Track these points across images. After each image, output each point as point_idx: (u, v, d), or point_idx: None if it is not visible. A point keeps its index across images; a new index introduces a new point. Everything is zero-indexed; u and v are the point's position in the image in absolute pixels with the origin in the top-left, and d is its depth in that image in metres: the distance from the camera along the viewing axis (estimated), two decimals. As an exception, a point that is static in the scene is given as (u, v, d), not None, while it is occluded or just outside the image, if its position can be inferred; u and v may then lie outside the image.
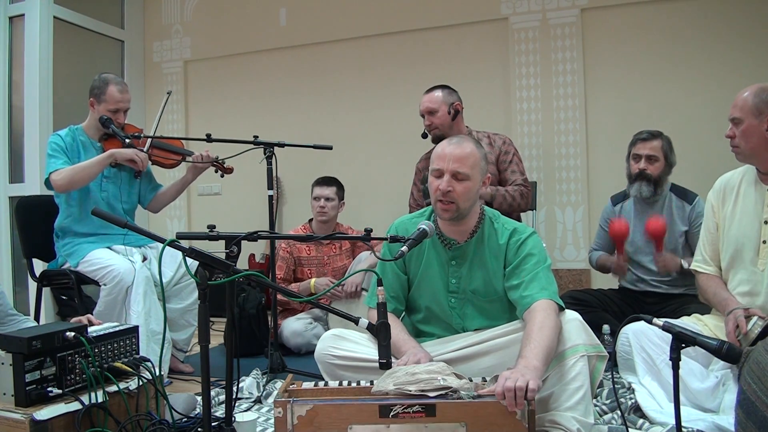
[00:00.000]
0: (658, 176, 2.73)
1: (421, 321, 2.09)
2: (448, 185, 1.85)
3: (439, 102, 2.93)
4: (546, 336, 1.67)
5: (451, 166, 1.86)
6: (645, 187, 2.73)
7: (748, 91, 1.98)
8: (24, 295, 4.15)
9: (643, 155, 2.74)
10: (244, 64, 4.68)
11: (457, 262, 1.98)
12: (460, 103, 2.98)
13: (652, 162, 2.73)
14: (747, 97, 1.97)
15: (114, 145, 2.81)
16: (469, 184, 1.87)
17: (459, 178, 1.86)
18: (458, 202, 1.87)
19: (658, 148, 2.73)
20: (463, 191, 1.87)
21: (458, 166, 1.86)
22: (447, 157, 1.87)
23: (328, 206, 3.36)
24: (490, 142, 2.98)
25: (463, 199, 1.87)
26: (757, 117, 1.95)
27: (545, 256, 1.93)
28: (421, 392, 1.58)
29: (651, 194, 2.73)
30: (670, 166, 2.76)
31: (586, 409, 1.71)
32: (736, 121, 1.99)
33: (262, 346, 3.20)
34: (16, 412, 1.59)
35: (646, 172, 2.73)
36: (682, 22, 3.62)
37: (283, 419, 1.58)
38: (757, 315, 1.89)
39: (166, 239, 1.49)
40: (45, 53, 4.05)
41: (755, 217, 2.03)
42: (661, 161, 2.73)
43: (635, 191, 2.76)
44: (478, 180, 1.90)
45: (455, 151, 1.87)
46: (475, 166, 1.89)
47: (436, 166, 1.90)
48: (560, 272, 3.85)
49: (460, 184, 1.86)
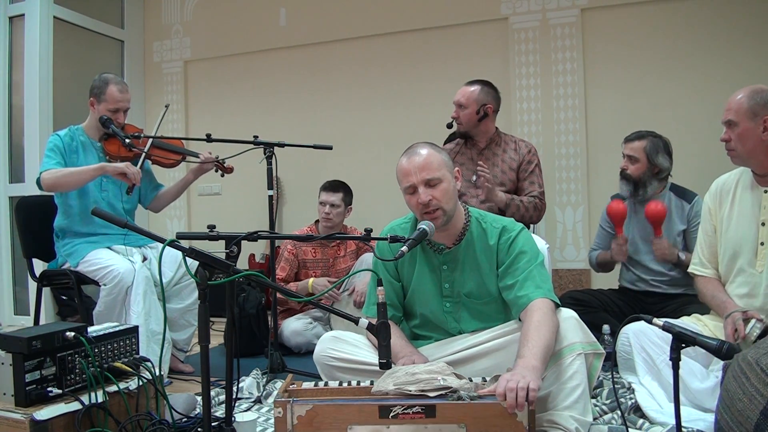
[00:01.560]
0: (639, 177, 2.73)
1: (417, 326, 2.09)
2: (427, 195, 1.85)
3: (471, 99, 2.88)
4: (544, 335, 1.66)
5: (420, 176, 1.85)
6: (624, 185, 2.77)
7: (742, 93, 1.96)
8: (24, 295, 4.15)
9: (625, 155, 2.78)
10: (244, 64, 4.68)
11: (449, 267, 1.97)
12: (493, 106, 2.92)
13: (633, 162, 2.75)
14: (741, 100, 1.95)
15: (114, 145, 2.81)
16: (444, 186, 1.87)
17: (432, 184, 1.86)
18: (442, 206, 1.86)
19: (640, 149, 2.73)
20: (442, 194, 1.86)
21: (426, 174, 1.85)
22: (412, 170, 1.86)
23: (333, 213, 3.34)
24: (516, 147, 2.95)
25: (445, 201, 1.87)
26: (752, 120, 1.93)
27: (537, 253, 1.92)
28: (421, 392, 1.58)
29: (629, 194, 2.76)
30: (654, 167, 2.73)
31: (584, 408, 1.71)
32: (732, 125, 1.98)
33: (262, 346, 3.21)
34: (16, 412, 1.59)
35: (626, 171, 2.76)
36: (681, 22, 3.62)
37: (283, 419, 1.58)
38: (755, 317, 1.89)
39: (166, 239, 1.49)
40: (45, 53, 4.05)
41: (752, 220, 2.02)
42: (642, 162, 2.72)
43: (619, 188, 2.82)
44: (450, 178, 1.90)
45: (417, 161, 1.86)
46: (442, 167, 1.88)
47: (406, 184, 1.89)
48: (560, 272, 3.85)
49: (436, 189, 1.86)
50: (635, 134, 2.80)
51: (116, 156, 2.83)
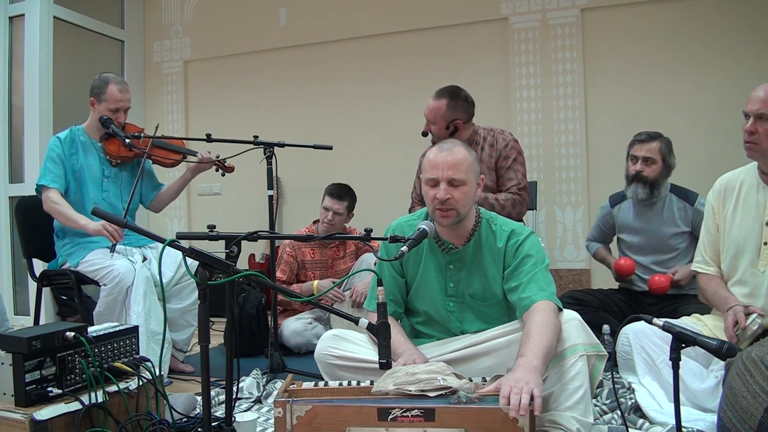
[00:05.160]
0: (655, 178, 2.72)
1: (419, 323, 2.09)
2: (446, 193, 1.83)
3: (438, 116, 2.79)
4: (545, 335, 1.66)
5: (446, 173, 1.84)
6: (641, 189, 2.72)
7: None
8: (24, 295, 4.15)
9: (640, 157, 2.73)
10: (244, 64, 4.68)
11: (455, 266, 1.97)
12: (462, 118, 2.79)
13: (649, 164, 2.72)
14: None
15: (114, 144, 2.81)
16: (465, 189, 1.85)
17: (455, 184, 1.84)
18: (458, 208, 1.85)
19: (656, 150, 2.72)
20: (461, 197, 1.85)
21: (453, 173, 1.83)
22: (440, 164, 1.84)
23: (336, 219, 3.33)
24: (494, 142, 2.80)
25: (462, 204, 1.86)
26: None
27: (543, 257, 1.92)
28: (421, 392, 1.58)
29: (647, 196, 2.73)
30: (668, 168, 2.74)
31: (585, 409, 1.70)
32: (763, 118, 1.88)
33: (262, 346, 3.20)
34: (16, 412, 1.59)
35: (643, 174, 2.72)
36: (682, 22, 3.62)
37: (282, 419, 1.58)
38: (756, 312, 1.88)
39: (166, 239, 1.49)
40: (45, 53, 4.05)
41: (756, 219, 2.01)
42: (658, 163, 2.72)
43: (631, 193, 2.76)
44: (473, 184, 1.89)
45: (448, 158, 1.85)
46: (470, 171, 1.87)
47: (430, 175, 1.87)
48: (560, 272, 3.85)
49: (457, 190, 1.84)
50: (647, 135, 2.75)
51: (116, 155, 2.83)
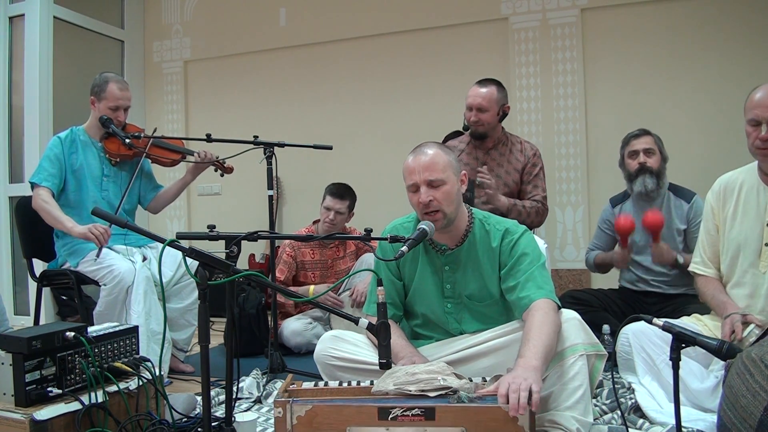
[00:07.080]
0: (658, 169, 2.76)
1: (419, 326, 2.09)
2: (428, 196, 1.84)
3: (492, 101, 2.82)
4: (545, 335, 1.66)
5: (423, 176, 1.84)
6: (649, 179, 2.73)
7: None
8: (24, 295, 4.15)
9: (640, 150, 2.77)
10: (244, 64, 4.68)
11: (451, 268, 1.97)
12: (509, 105, 2.92)
13: (650, 155, 2.76)
14: None
15: (114, 144, 2.81)
16: (447, 188, 1.86)
17: (435, 185, 1.85)
18: (443, 208, 1.85)
19: (652, 142, 2.79)
20: (444, 196, 1.85)
21: (429, 174, 1.84)
22: (416, 169, 1.85)
23: (338, 219, 3.33)
24: (522, 149, 2.94)
25: (447, 203, 1.86)
26: None
27: (539, 254, 1.91)
28: (421, 392, 1.58)
29: (655, 186, 2.73)
30: (665, 160, 2.80)
31: (585, 409, 1.71)
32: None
33: (262, 346, 3.20)
34: (16, 412, 1.59)
35: (647, 165, 2.74)
36: (681, 22, 3.62)
37: (282, 419, 1.58)
38: (754, 323, 1.86)
39: (166, 239, 1.49)
40: (45, 53, 4.05)
41: (757, 220, 2.00)
42: (657, 154, 2.77)
43: (640, 185, 2.74)
44: (454, 181, 1.89)
45: (423, 161, 1.85)
46: (447, 169, 1.87)
47: (409, 182, 1.88)
48: (560, 272, 3.85)
49: (438, 191, 1.85)
50: (640, 131, 2.83)
51: (116, 155, 2.83)
